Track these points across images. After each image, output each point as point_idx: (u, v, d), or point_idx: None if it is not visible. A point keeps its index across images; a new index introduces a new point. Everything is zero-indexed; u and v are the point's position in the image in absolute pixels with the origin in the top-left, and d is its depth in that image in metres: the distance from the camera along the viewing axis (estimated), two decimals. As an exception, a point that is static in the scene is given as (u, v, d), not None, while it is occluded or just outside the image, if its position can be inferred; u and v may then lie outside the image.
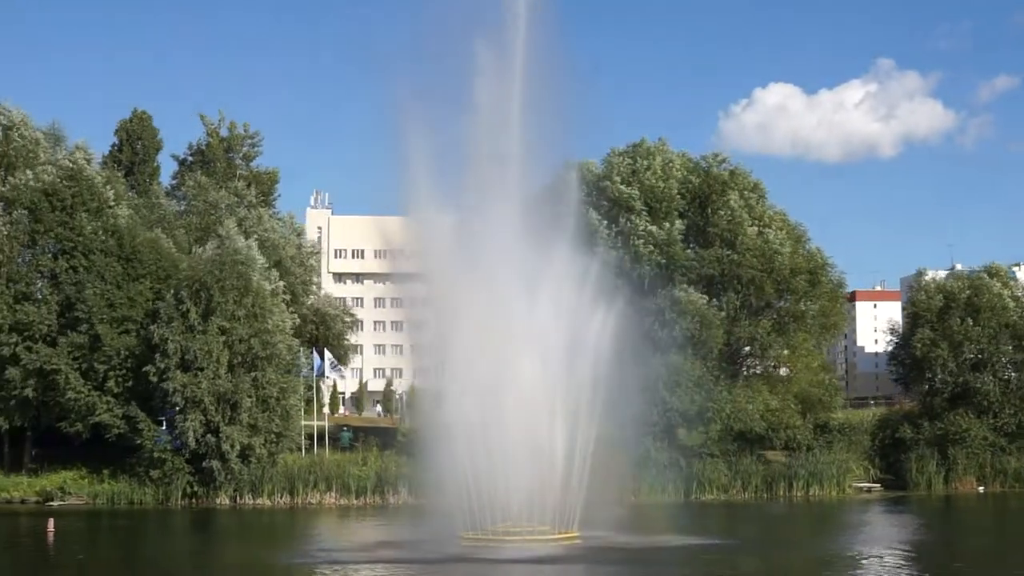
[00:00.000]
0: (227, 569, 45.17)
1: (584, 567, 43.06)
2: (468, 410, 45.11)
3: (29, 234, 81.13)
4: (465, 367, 45.57)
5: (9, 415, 79.92)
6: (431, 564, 41.96)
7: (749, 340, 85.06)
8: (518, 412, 45.44)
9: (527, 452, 45.43)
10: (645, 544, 47.10)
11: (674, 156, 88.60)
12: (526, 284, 46.59)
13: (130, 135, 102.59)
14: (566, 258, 47.48)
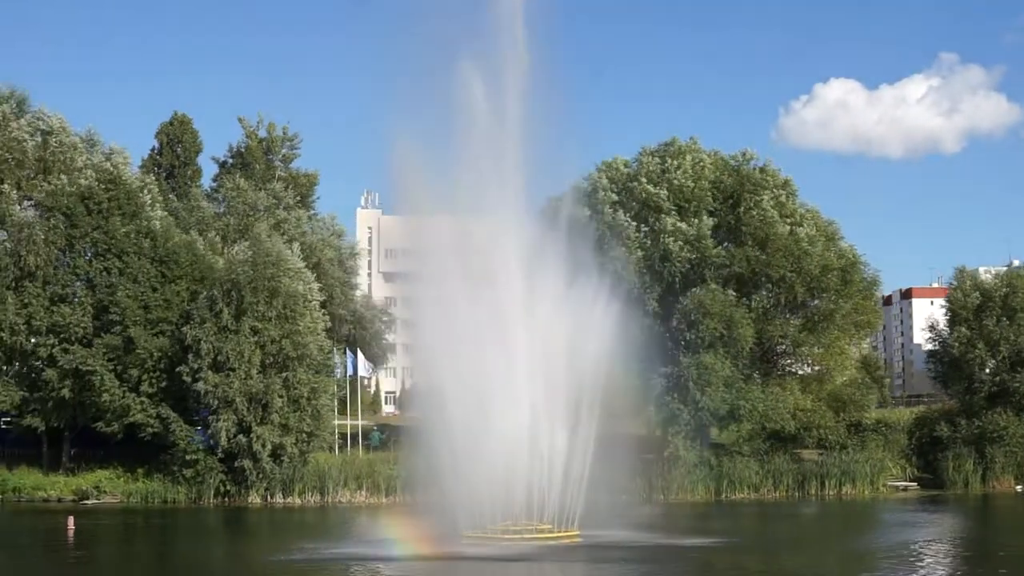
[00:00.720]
0: (203, 566, 45.81)
1: (583, 566, 43.39)
2: (468, 409, 45.54)
3: (66, 238, 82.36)
4: (465, 366, 45.95)
5: (47, 416, 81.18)
6: (433, 563, 42.43)
7: (779, 339, 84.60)
8: (518, 411, 45.87)
9: (528, 451, 45.86)
10: (645, 543, 47.24)
11: (705, 155, 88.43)
12: (526, 284, 47.00)
13: (170, 138, 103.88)
14: (565, 258, 47.78)
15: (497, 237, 47.78)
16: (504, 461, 45.48)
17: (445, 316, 46.65)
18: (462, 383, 45.72)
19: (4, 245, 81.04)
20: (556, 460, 46.15)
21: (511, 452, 45.57)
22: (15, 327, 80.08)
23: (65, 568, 45.38)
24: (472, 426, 45.31)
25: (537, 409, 46.07)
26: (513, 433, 45.58)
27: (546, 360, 46.46)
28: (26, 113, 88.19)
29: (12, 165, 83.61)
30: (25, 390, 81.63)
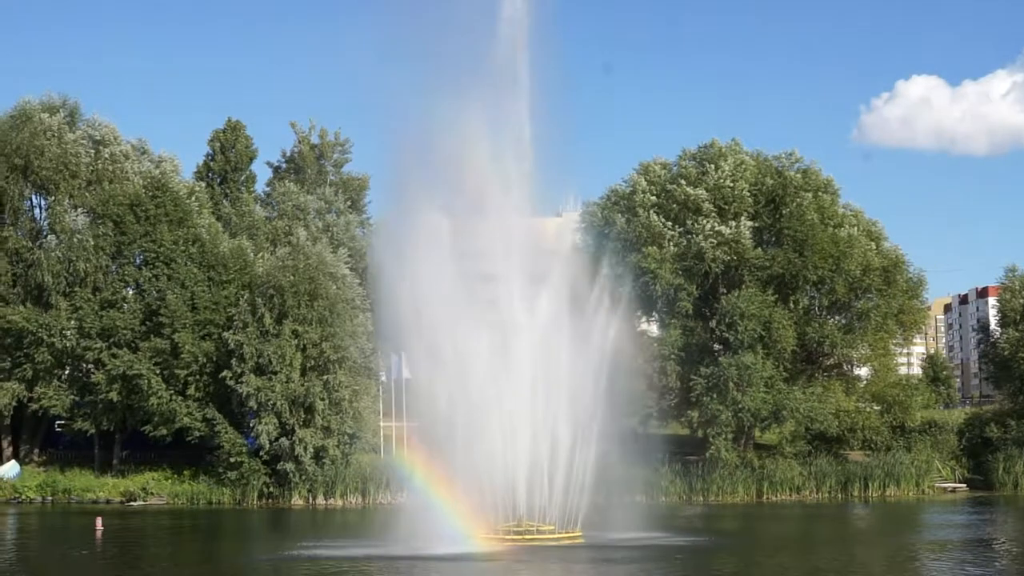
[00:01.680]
0: (197, 568, 46.83)
1: (585, 566, 43.79)
2: (472, 411, 46.15)
3: (115, 245, 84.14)
4: (469, 368, 46.55)
5: (97, 419, 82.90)
6: (437, 563, 42.99)
7: (820, 340, 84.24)
8: (522, 414, 46.46)
9: (532, 453, 46.42)
10: (648, 543, 47.53)
11: (746, 157, 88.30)
12: (531, 289, 47.55)
13: (224, 145, 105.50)
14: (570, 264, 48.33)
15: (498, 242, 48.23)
16: (508, 463, 46.06)
17: (448, 320, 47.22)
18: (466, 385, 46.32)
19: (56, 252, 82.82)
20: (559, 461, 46.62)
21: (514, 454, 46.15)
22: (65, 332, 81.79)
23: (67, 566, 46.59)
24: (476, 428, 45.91)
25: (540, 411, 46.59)
26: (516, 435, 46.19)
27: (548, 362, 46.95)
28: (79, 122, 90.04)
29: (66, 175, 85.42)
30: (76, 394, 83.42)
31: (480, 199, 48.06)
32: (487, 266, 48.68)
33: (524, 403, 46.60)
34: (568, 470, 47.05)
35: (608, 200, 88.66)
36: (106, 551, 51.30)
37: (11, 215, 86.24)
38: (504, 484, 46.40)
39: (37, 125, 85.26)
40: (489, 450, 45.97)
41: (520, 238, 48.66)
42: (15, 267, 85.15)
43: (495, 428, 46.24)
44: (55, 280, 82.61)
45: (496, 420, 46.31)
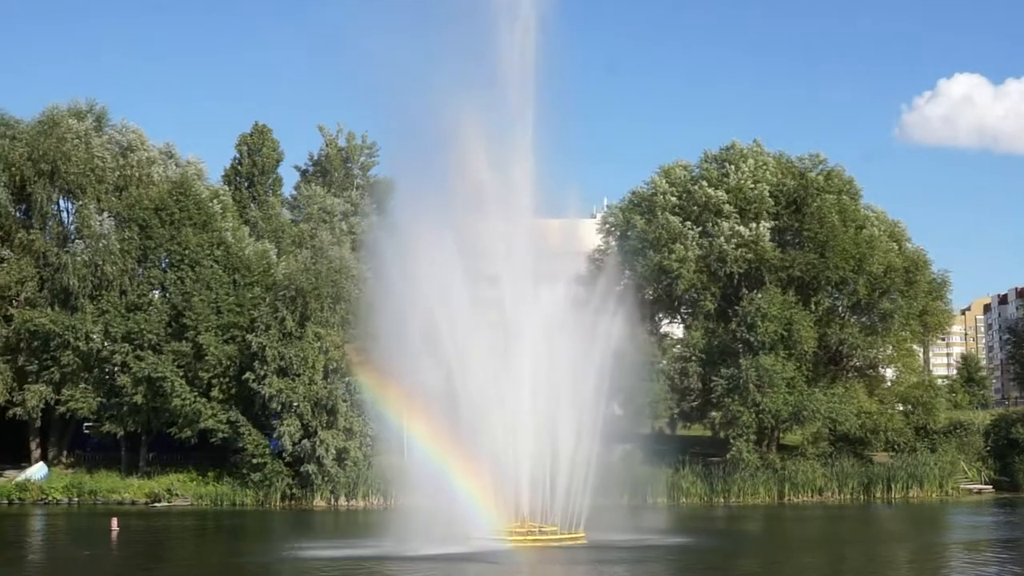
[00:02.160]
0: (195, 568, 47.44)
1: (588, 567, 44.08)
2: (477, 412, 46.52)
3: (141, 248, 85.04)
4: (474, 371, 46.91)
5: (122, 421, 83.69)
6: (441, 563, 43.42)
7: (840, 341, 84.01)
8: (525, 416, 46.78)
9: (534, 455, 46.75)
10: (649, 544, 47.77)
11: (768, 158, 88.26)
12: (533, 293, 47.92)
13: (251, 149, 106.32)
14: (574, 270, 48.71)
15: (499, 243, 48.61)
16: (511, 465, 46.41)
17: (453, 324, 47.61)
18: (470, 388, 46.70)
19: (82, 256, 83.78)
20: (561, 463, 46.92)
21: (518, 456, 46.49)
22: (91, 335, 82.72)
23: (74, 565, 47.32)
24: (479, 430, 46.27)
25: (543, 414, 46.90)
26: (519, 437, 46.53)
27: (550, 363, 47.28)
28: (106, 127, 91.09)
29: (93, 180, 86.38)
30: (102, 396, 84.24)
31: (481, 201, 48.49)
32: (489, 267, 49.00)
33: (526, 403, 46.89)
34: (571, 471, 47.24)
35: (629, 202, 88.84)
36: (114, 551, 52.15)
37: (39, 219, 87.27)
38: (507, 485, 46.71)
39: (64, 131, 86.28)
40: (491, 451, 46.29)
41: (522, 240, 48.96)
42: (42, 271, 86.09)
43: (497, 429, 46.55)
44: (81, 284, 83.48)
45: (498, 420, 46.62)
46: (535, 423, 47.11)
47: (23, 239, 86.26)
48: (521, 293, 48.21)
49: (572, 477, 47.27)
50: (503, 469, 46.59)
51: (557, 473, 47.21)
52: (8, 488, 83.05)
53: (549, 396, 47.29)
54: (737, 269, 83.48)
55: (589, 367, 47.51)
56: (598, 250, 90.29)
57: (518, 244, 48.88)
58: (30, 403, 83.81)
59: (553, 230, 51.99)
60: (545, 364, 47.48)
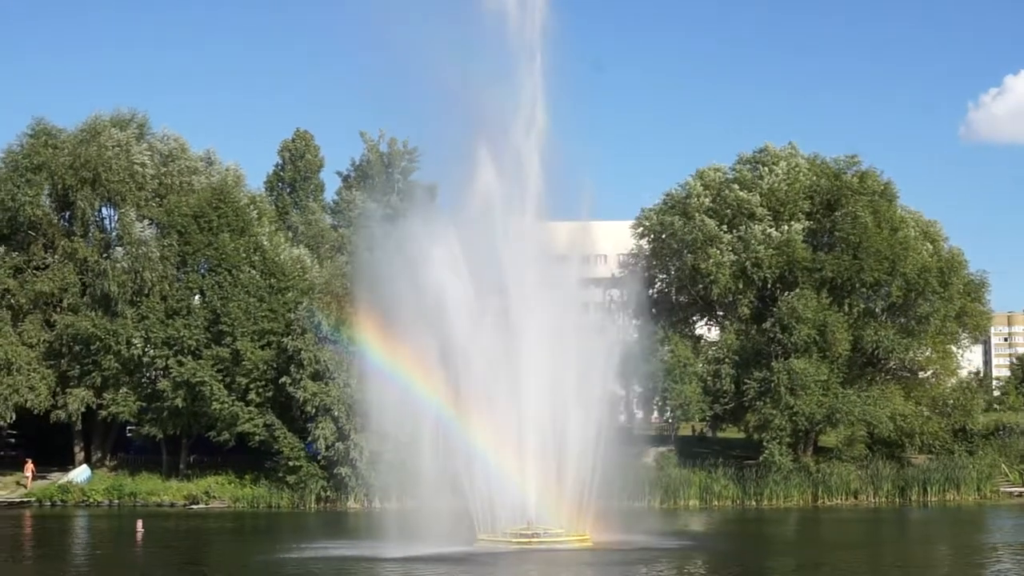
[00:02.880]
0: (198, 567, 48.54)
1: (594, 568, 44.45)
2: (486, 415, 47.04)
3: (180, 255, 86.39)
4: (482, 375, 47.43)
5: (163, 424, 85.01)
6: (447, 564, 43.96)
7: (875, 343, 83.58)
8: (533, 418, 47.23)
9: (542, 457, 47.18)
10: (653, 547, 48.01)
11: (801, 160, 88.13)
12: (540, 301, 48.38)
13: (292, 154, 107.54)
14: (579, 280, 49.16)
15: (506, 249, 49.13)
16: (517, 466, 46.88)
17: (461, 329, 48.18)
18: (477, 391, 47.25)
19: (123, 263, 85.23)
20: (568, 465, 47.32)
21: (523, 457, 46.96)
22: (132, 340, 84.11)
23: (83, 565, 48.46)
24: (486, 432, 46.79)
25: (552, 416, 47.34)
26: (525, 439, 47.00)
27: (557, 367, 47.69)
28: (147, 136, 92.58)
29: (133, 187, 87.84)
30: (143, 400, 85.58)
31: (489, 208, 49.08)
32: (495, 274, 49.48)
33: (531, 405, 47.32)
34: (577, 473, 47.59)
35: (664, 204, 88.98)
36: (130, 552, 53.36)
37: (80, 226, 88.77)
38: (513, 487, 47.16)
39: (106, 139, 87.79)
40: (497, 452, 46.80)
41: (530, 246, 49.47)
42: (84, 277, 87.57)
43: (502, 431, 47.05)
44: (121, 290, 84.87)
45: (503, 423, 47.11)
46: (540, 426, 47.50)
47: (66, 246, 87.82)
48: (527, 294, 48.63)
49: (578, 480, 47.59)
50: (509, 471, 47.01)
51: (563, 476, 47.56)
52: (51, 490, 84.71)
53: (554, 398, 47.65)
54: (770, 274, 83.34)
55: (595, 369, 47.87)
56: (632, 253, 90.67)
57: (525, 247, 49.37)
58: (72, 407, 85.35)
59: (562, 233, 52.34)
60: (551, 366, 47.87)
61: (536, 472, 47.31)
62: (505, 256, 49.21)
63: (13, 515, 76.16)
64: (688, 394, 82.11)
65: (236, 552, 54.08)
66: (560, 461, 47.53)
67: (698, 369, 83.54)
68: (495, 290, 48.73)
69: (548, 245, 50.94)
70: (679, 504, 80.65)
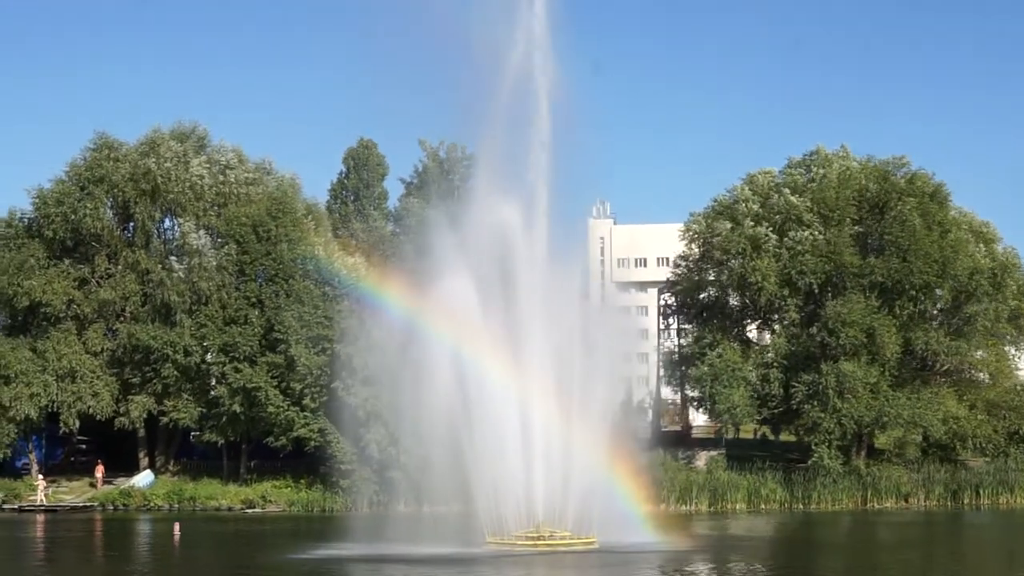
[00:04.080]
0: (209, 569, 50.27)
1: (599, 570, 45.15)
2: (493, 419, 47.90)
3: (237, 264, 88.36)
4: (489, 379, 48.30)
5: (222, 430, 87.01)
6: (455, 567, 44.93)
7: (925, 346, 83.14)
8: (540, 423, 48.03)
9: (548, 461, 47.97)
10: (658, 550, 48.52)
11: (853, 163, 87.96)
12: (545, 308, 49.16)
13: (356, 163, 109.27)
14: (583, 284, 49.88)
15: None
16: (525, 470, 47.72)
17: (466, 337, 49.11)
18: (482, 395, 48.11)
19: (180, 273, 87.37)
20: (573, 468, 48.03)
21: (530, 461, 47.79)
22: (190, 348, 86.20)
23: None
24: (492, 436, 47.68)
25: (559, 421, 48.10)
26: (530, 442, 47.85)
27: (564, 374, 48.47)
28: (207, 147, 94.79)
29: (191, 198, 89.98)
30: (203, 407, 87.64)
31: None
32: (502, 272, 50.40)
33: (539, 409, 48.11)
34: (584, 477, 48.24)
35: (712, 210, 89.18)
36: (156, 554, 55.57)
37: (141, 237, 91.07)
38: (522, 490, 47.97)
39: (165, 151, 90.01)
40: (505, 456, 47.66)
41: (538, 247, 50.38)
42: (145, 287, 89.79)
43: (511, 434, 47.90)
44: (179, 299, 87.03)
45: (512, 426, 47.96)
46: (548, 429, 48.25)
47: (128, 257, 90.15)
48: (534, 299, 49.44)
49: (585, 483, 48.24)
50: (517, 474, 47.86)
51: (571, 479, 48.23)
52: (113, 495, 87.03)
53: (561, 402, 48.39)
54: (816, 279, 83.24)
55: (600, 373, 48.59)
56: (681, 257, 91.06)
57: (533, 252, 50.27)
58: (133, 414, 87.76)
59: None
60: (557, 370, 48.61)
61: (544, 475, 48.03)
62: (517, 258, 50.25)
63: (68, 519, 78.64)
64: (736, 399, 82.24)
65: (247, 554, 55.44)
66: (567, 464, 48.17)
67: (746, 374, 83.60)
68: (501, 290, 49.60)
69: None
70: (727, 508, 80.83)
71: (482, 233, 50.22)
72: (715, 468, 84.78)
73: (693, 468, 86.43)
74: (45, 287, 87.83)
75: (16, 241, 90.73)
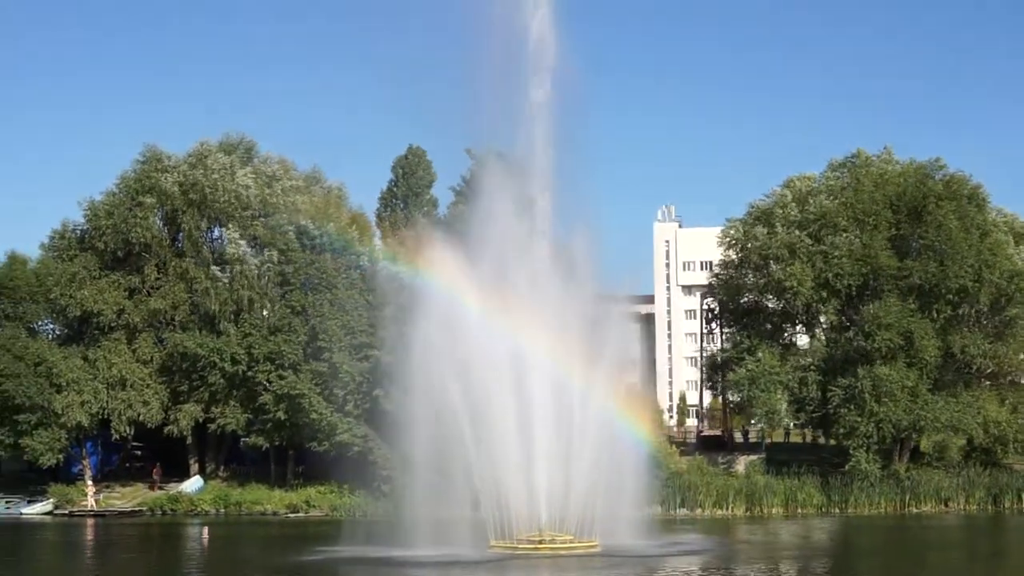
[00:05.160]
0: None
1: (600, 572, 45.88)
2: (497, 424, 48.78)
3: (280, 274, 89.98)
4: (493, 384, 49.19)
5: (268, 436, 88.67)
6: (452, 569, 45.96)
7: (963, 349, 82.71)
8: (544, 428, 48.84)
9: (552, 465, 48.75)
10: (657, 551, 49.09)
11: (893, 166, 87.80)
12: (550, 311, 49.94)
13: (405, 171, 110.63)
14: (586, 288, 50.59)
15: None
16: (527, 474, 48.54)
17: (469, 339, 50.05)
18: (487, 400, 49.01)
19: (223, 282, 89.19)
20: (577, 473, 48.76)
21: (534, 465, 48.60)
22: (236, 356, 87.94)
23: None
24: (496, 440, 48.56)
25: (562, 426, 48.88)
26: (535, 447, 48.65)
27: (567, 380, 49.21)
28: (254, 158, 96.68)
29: (237, 208, 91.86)
30: (250, 413, 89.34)
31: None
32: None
33: (541, 413, 48.91)
34: (586, 481, 48.95)
35: (749, 215, 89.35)
36: (173, 555, 57.71)
37: (189, 247, 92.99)
38: (524, 494, 48.79)
39: (212, 163, 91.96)
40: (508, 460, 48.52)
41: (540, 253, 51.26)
42: (193, 296, 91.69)
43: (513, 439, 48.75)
44: (223, 308, 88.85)
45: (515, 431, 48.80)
46: (550, 434, 49.04)
47: (176, 267, 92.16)
48: (538, 303, 50.31)
49: (587, 487, 48.95)
50: (519, 478, 48.68)
51: (573, 485, 48.94)
52: (161, 500, 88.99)
53: (563, 406, 49.18)
54: (853, 283, 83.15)
55: (601, 376, 49.30)
56: (720, 263, 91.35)
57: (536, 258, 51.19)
58: (182, 422, 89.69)
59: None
60: (559, 373, 49.38)
61: (546, 481, 48.80)
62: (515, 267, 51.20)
63: (114, 523, 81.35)
64: (773, 403, 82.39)
65: (254, 555, 57.39)
66: (569, 470, 48.92)
67: (783, 378, 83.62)
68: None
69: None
70: (763, 512, 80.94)
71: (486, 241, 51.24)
72: (753, 472, 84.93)
73: (733, 473, 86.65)
74: (97, 297, 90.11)
75: (69, 252, 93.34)
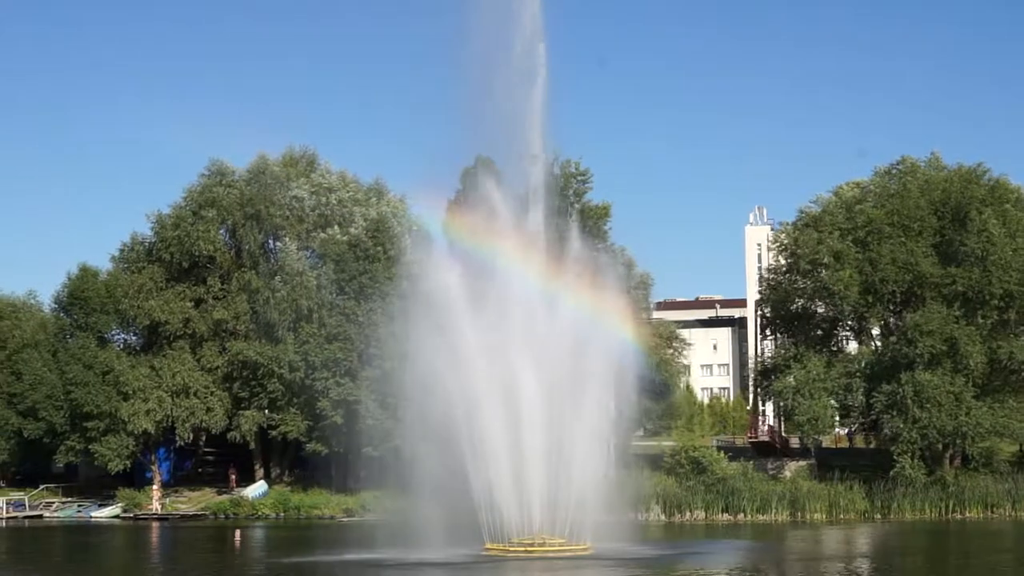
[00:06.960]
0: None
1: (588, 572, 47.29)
2: (491, 427, 50.29)
3: (336, 283, 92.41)
4: (487, 386, 50.72)
5: (327, 442, 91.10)
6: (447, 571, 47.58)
7: (1009, 355, 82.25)
8: (538, 433, 50.22)
9: (546, 470, 50.09)
10: (646, 555, 50.20)
11: (939, 172, 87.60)
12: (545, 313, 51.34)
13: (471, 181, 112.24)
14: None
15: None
16: (521, 478, 49.94)
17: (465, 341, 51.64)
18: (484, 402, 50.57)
19: (282, 292, 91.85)
20: (571, 478, 50.04)
21: (528, 469, 50.00)
22: (294, 364, 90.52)
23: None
24: (492, 444, 50.07)
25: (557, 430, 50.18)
26: (530, 451, 50.06)
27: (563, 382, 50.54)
28: (315, 170, 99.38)
29: (293, 220, 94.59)
30: (310, 419, 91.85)
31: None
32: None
33: (534, 418, 50.26)
34: (579, 485, 50.19)
35: (798, 220, 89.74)
36: (193, 557, 61.06)
37: (249, 259, 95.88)
38: (517, 498, 50.21)
39: (269, 177, 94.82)
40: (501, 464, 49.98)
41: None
42: (254, 305, 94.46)
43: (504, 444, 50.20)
44: (281, 317, 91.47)
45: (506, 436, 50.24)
46: (543, 437, 50.35)
47: (239, 278, 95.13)
48: (530, 309, 51.72)
49: (579, 491, 50.23)
50: (512, 482, 50.09)
51: (567, 486, 50.22)
52: (224, 504, 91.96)
53: (557, 411, 50.46)
54: (898, 288, 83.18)
55: (596, 382, 50.53)
56: (769, 268, 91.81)
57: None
58: (244, 427, 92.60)
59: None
60: (554, 377, 50.68)
61: (540, 486, 50.14)
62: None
63: (175, 526, 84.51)
64: (817, 409, 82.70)
65: (263, 556, 59.73)
66: (562, 475, 50.19)
67: (829, 384, 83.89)
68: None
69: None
70: (805, 518, 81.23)
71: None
72: (799, 478, 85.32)
73: (780, 478, 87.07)
74: (164, 307, 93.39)
75: (137, 264, 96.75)
